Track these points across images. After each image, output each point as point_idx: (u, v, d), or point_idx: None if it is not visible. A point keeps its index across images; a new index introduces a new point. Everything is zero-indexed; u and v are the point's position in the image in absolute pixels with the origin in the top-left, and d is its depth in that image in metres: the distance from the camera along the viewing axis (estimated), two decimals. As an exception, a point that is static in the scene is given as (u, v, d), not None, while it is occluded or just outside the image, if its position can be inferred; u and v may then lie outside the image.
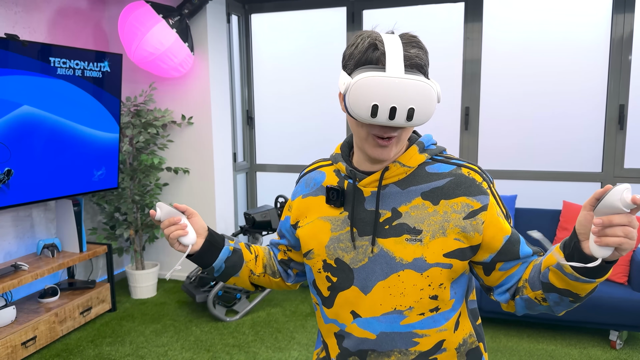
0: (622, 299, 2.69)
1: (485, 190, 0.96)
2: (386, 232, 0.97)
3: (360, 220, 0.99)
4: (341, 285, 1.01)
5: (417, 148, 0.99)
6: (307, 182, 1.11)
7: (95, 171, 3.27)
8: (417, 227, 0.95)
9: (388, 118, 0.86)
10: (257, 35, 4.15)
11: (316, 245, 1.04)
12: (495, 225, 0.95)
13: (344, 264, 1.00)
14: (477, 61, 3.56)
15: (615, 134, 3.34)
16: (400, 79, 0.85)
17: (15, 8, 3.09)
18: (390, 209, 0.97)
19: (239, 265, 1.13)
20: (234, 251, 1.12)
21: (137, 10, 3.24)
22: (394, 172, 0.97)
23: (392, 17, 3.76)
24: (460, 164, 0.99)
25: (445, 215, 0.94)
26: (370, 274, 0.97)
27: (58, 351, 2.87)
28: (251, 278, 1.17)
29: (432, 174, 0.97)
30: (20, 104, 2.73)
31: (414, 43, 0.89)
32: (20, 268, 2.87)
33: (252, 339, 3.00)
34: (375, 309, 0.98)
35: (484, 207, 0.94)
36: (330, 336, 1.06)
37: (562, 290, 0.88)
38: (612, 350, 2.78)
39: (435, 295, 0.96)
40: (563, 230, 3.10)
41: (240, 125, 4.21)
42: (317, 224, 1.04)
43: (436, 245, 0.94)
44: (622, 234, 0.77)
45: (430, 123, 3.76)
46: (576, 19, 3.38)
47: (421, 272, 0.95)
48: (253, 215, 3.37)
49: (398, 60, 0.86)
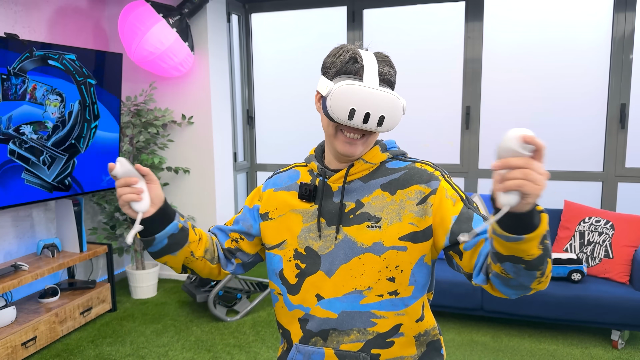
0: (624, 298, 2.69)
1: (436, 177, 1.06)
2: (350, 221, 1.08)
3: (329, 212, 1.10)
4: (309, 270, 1.10)
5: (380, 148, 1.12)
6: (282, 178, 1.20)
7: (104, 176, 3.27)
8: (377, 215, 1.06)
9: (362, 122, 0.99)
10: (257, 34, 4.14)
11: (289, 236, 1.12)
12: (444, 207, 1.03)
13: (312, 251, 1.10)
14: (477, 60, 3.56)
15: (617, 133, 3.33)
16: (375, 90, 0.99)
17: (15, 7, 3.08)
18: (355, 201, 1.09)
19: (182, 244, 1.10)
20: (181, 229, 1.09)
21: (137, 9, 3.24)
22: (358, 168, 1.09)
23: (392, 17, 3.76)
24: (415, 160, 1.12)
25: (401, 203, 1.06)
26: (335, 259, 1.07)
27: (58, 351, 2.86)
28: (187, 260, 1.14)
29: (390, 169, 1.10)
30: (20, 103, 2.73)
31: (386, 62, 1.04)
32: (21, 268, 2.86)
33: (253, 339, 2.99)
34: (337, 290, 1.07)
35: (433, 191, 1.05)
36: (294, 322, 1.12)
37: (508, 257, 0.86)
38: (613, 350, 2.77)
39: (392, 277, 1.05)
40: (564, 230, 3.10)
41: (240, 125, 4.21)
42: (290, 217, 1.13)
43: (392, 230, 1.05)
44: (521, 175, 0.76)
45: (431, 122, 3.76)
46: (577, 17, 3.38)
47: (379, 254, 1.04)
48: (254, 215, 3.36)
49: (374, 74, 1.00)
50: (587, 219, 3.04)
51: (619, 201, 3.39)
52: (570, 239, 3.05)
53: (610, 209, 3.40)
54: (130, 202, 1.01)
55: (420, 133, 3.81)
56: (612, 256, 2.89)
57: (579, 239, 3.02)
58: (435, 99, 3.73)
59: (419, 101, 3.79)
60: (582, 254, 2.99)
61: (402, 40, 3.78)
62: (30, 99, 2.79)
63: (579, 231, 3.04)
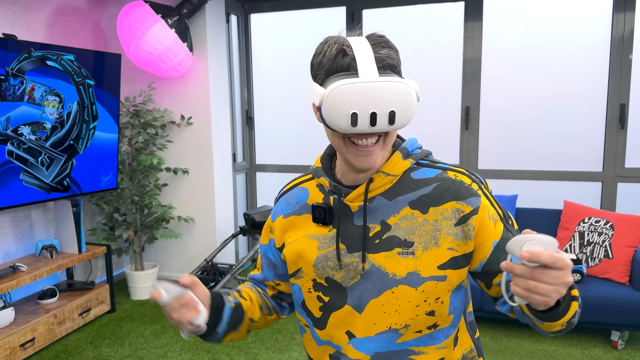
0: (624, 299, 2.68)
1: (475, 192, 0.90)
2: (377, 247, 0.91)
3: (349, 237, 0.93)
4: (334, 304, 0.95)
5: (401, 154, 0.93)
6: (289, 200, 1.04)
7: (103, 177, 3.26)
8: (408, 239, 0.90)
9: (370, 125, 0.82)
10: (256, 35, 4.14)
11: (304, 265, 0.98)
12: (486, 229, 0.90)
13: (335, 282, 0.95)
14: (477, 60, 3.55)
15: (616, 133, 3.33)
16: (376, 83, 0.81)
17: (14, 8, 3.08)
18: (379, 222, 0.92)
19: (241, 320, 1.02)
20: (235, 307, 1.00)
21: (136, 10, 3.23)
22: (378, 182, 0.92)
23: (391, 17, 3.75)
24: (446, 167, 0.94)
25: (435, 224, 0.89)
26: (363, 292, 0.92)
27: (57, 353, 2.86)
28: (249, 326, 1.06)
29: (418, 181, 0.92)
30: (19, 103, 2.72)
31: (382, 43, 0.85)
32: (19, 269, 2.86)
33: (251, 340, 2.99)
34: (369, 329, 0.93)
35: (474, 210, 0.89)
36: (325, 357, 1.00)
37: (527, 317, 0.85)
38: (613, 350, 2.77)
39: (432, 311, 0.91)
40: (564, 230, 3.09)
41: (239, 126, 4.20)
42: (304, 242, 0.98)
43: (429, 257, 0.89)
44: (522, 285, 0.72)
45: (430, 123, 3.76)
46: (577, 17, 3.37)
47: (416, 287, 0.89)
48: (253, 216, 3.36)
49: (370, 63, 0.82)
50: (587, 219, 3.03)
51: (619, 201, 3.39)
52: (570, 239, 3.05)
53: (609, 209, 3.39)
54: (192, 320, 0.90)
55: (419, 133, 3.80)
56: (611, 256, 2.89)
57: (578, 239, 3.02)
58: (435, 99, 3.73)
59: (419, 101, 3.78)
60: (581, 255, 2.98)
61: (402, 40, 3.77)
62: (28, 99, 2.79)
63: (579, 231, 3.03)
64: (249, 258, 3.37)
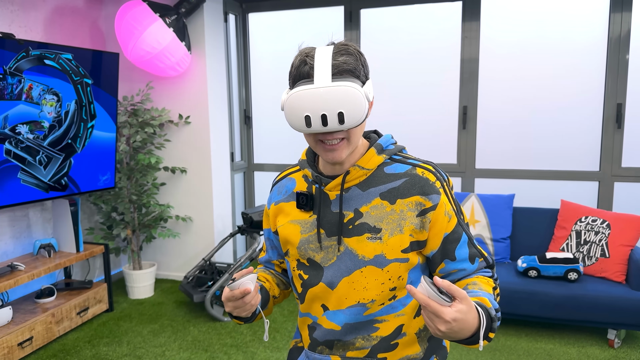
0: (620, 297, 2.70)
1: (437, 189, 1.02)
2: (350, 232, 1.04)
3: (328, 222, 1.06)
4: (311, 282, 1.09)
5: (375, 150, 1.05)
6: (279, 189, 1.18)
7: (101, 176, 3.26)
8: (377, 226, 1.02)
9: (322, 125, 0.92)
10: (254, 34, 4.14)
11: (290, 247, 1.12)
12: (440, 223, 1.02)
13: (315, 262, 1.08)
14: (474, 60, 3.56)
15: (613, 133, 3.34)
16: (325, 88, 0.91)
17: (12, 7, 3.07)
18: (353, 210, 1.04)
19: (267, 299, 1.18)
20: (261, 290, 1.16)
21: (134, 9, 3.23)
22: (354, 175, 1.04)
23: (389, 16, 3.76)
24: (415, 163, 1.06)
25: (401, 214, 1.02)
26: (336, 271, 1.06)
27: (55, 352, 2.86)
28: (274, 302, 1.23)
29: (389, 175, 1.04)
30: (16, 102, 2.72)
31: (342, 51, 0.95)
32: (17, 268, 2.85)
33: (250, 338, 2.99)
34: (341, 303, 1.07)
35: (433, 206, 1.01)
36: (304, 328, 1.16)
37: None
38: (610, 349, 2.78)
39: (395, 287, 1.05)
40: (561, 229, 3.11)
41: (237, 125, 4.20)
42: (289, 227, 1.12)
43: (394, 242, 1.02)
44: (426, 316, 0.85)
45: (428, 123, 3.76)
46: (574, 17, 3.39)
47: (382, 267, 1.03)
48: (251, 215, 3.36)
49: (325, 70, 0.92)
50: (584, 219, 3.05)
51: (615, 201, 3.40)
52: (567, 239, 3.06)
53: (606, 208, 3.41)
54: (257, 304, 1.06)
55: (418, 133, 3.81)
56: (608, 255, 2.90)
57: (575, 239, 3.03)
58: (432, 99, 3.74)
59: (416, 101, 3.79)
60: (578, 254, 2.99)
61: (399, 40, 3.78)
62: (26, 98, 2.79)
63: (576, 230, 3.04)
64: (247, 257, 3.38)
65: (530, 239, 3.23)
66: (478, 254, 1.07)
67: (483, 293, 0.97)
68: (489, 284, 1.04)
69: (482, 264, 1.07)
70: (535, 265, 2.91)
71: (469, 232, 1.07)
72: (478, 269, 1.07)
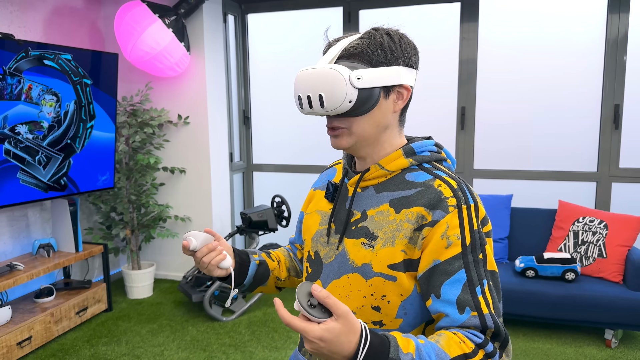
0: (617, 297, 2.71)
1: (446, 206, 0.88)
2: (351, 233, 0.97)
3: (339, 218, 1.01)
4: (312, 277, 1.06)
5: (403, 152, 0.96)
6: (323, 176, 1.17)
7: (100, 176, 3.27)
8: (375, 233, 0.93)
9: (308, 107, 0.91)
10: (253, 35, 4.15)
11: (307, 237, 1.09)
12: (434, 245, 0.87)
13: (319, 257, 1.04)
14: (473, 61, 3.57)
15: (611, 134, 3.35)
16: (311, 69, 0.89)
17: (11, 7, 3.08)
18: (361, 211, 0.98)
19: (266, 276, 1.17)
20: (259, 264, 1.16)
21: (133, 9, 3.24)
22: (373, 173, 0.97)
23: (388, 17, 3.77)
24: (439, 175, 0.93)
25: (399, 225, 0.91)
26: (330, 271, 1.00)
27: (54, 351, 2.86)
28: (277, 283, 1.21)
29: (408, 182, 0.94)
30: (16, 102, 2.73)
31: (365, 35, 0.90)
32: (16, 268, 2.86)
33: (248, 338, 3.00)
34: None
35: (433, 222, 0.87)
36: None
37: None
38: (607, 349, 2.79)
39: (378, 307, 0.93)
40: (559, 229, 3.12)
41: (236, 125, 4.21)
42: (313, 216, 1.09)
43: (384, 255, 0.91)
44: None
45: (426, 123, 3.77)
46: (571, 19, 3.40)
47: (366, 278, 0.93)
48: (249, 215, 3.37)
49: (330, 53, 0.90)
50: (581, 219, 3.06)
51: (613, 201, 3.41)
52: (564, 239, 3.07)
53: (604, 209, 3.42)
54: (219, 263, 1.06)
55: (416, 133, 3.82)
56: (605, 256, 2.91)
57: (573, 239, 3.04)
58: (431, 100, 3.75)
59: (415, 101, 3.80)
60: (576, 254, 3.00)
61: (398, 41, 3.78)
62: (25, 98, 2.79)
63: (573, 231, 3.05)
64: (246, 257, 3.38)
65: (528, 239, 3.24)
66: (473, 306, 0.83)
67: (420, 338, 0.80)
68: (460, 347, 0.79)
69: (473, 321, 0.83)
70: (533, 265, 2.92)
71: (477, 276, 0.85)
72: (466, 324, 0.83)
